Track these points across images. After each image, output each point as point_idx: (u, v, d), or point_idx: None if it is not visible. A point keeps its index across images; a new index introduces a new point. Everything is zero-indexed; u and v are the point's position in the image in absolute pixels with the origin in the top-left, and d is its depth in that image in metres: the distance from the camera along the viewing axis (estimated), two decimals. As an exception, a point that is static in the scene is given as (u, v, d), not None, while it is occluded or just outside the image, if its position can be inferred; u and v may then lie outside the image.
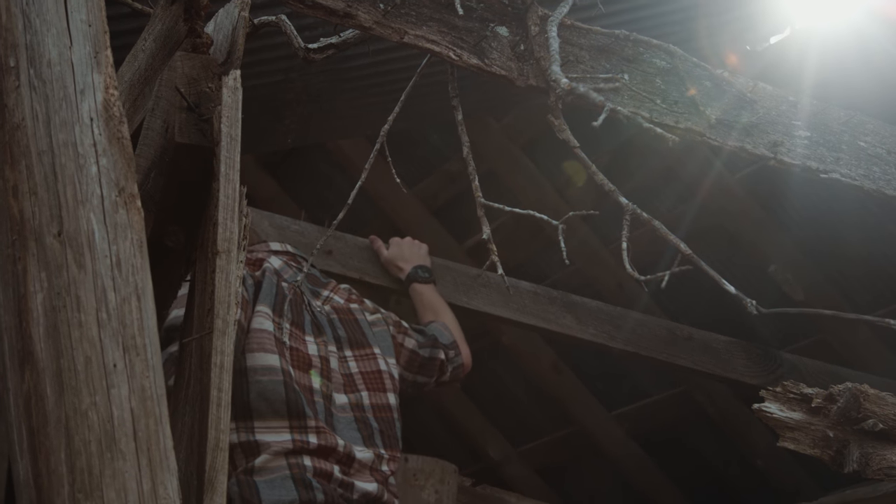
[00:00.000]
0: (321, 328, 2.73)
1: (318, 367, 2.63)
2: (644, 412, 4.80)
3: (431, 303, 3.30)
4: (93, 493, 1.69)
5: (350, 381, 2.71)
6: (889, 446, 2.35)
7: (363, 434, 2.65)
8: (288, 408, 2.48)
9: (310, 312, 2.73)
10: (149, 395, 1.76)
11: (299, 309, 2.69)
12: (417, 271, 3.37)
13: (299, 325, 2.67)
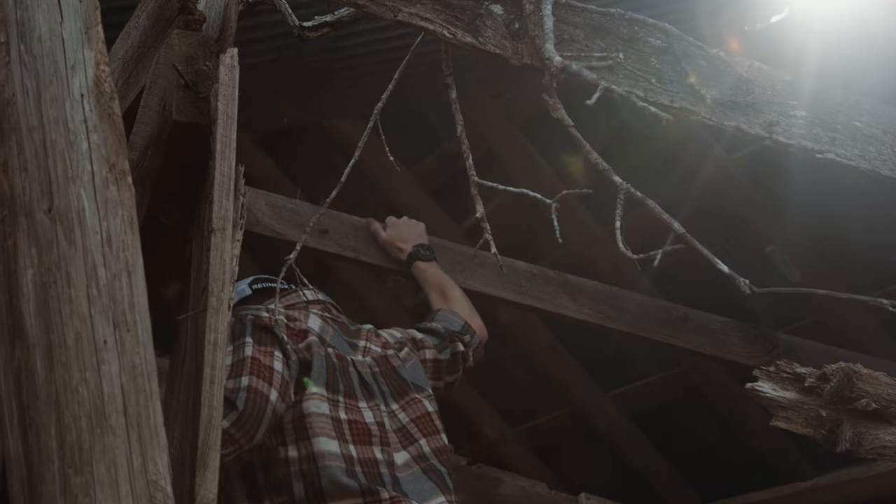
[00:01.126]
0: (370, 389, 2.69)
1: (378, 435, 2.62)
2: (641, 392, 4.81)
3: (436, 280, 3.28)
4: (83, 468, 1.69)
5: (405, 433, 2.71)
6: (882, 426, 2.35)
7: (436, 482, 2.65)
8: (360, 487, 2.49)
9: (356, 373, 2.69)
10: (139, 371, 1.77)
11: (347, 374, 2.65)
12: (419, 250, 3.33)
13: (351, 394, 2.63)
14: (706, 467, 4.81)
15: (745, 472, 4.47)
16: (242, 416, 2.37)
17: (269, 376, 2.45)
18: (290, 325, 2.65)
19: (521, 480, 3.88)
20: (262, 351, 2.48)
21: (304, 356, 2.57)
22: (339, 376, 2.61)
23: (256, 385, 2.42)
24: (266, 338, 2.52)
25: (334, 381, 2.60)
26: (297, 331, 2.65)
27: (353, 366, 2.69)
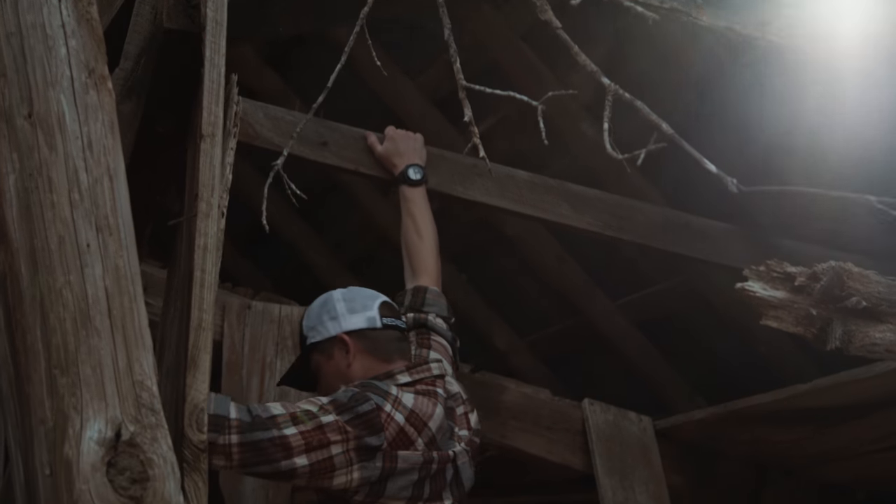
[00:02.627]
0: (459, 481, 2.72)
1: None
2: (647, 301, 4.81)
3: (416, 210, 3.26)
4: (69, 368, 1.72)
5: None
6: (872, 324, 2.36)
7: None
8: None
9: (453, 469, 2.69)
10: (123, 273, 1.79)
11: (441, 475, 2.65)
12: (409, 172, 3.30)
13: (436, 496, 2.65)
14: (713, 374, 4.84)
15: (752, 377, 4.48)
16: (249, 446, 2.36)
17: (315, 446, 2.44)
18: (408, 426, 2.58)
19: (525, 387, 3.90)
20: (339, 429, 2.46)
21: (391, 465, 2.54)
22: (428, 482, 2.61)
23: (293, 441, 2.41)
24: (355, 425, 2.49)
25: (419, 491, 2.59)
26: (407, 437, 2.58)
27: (453, 461, 2.68)
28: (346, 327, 2.76)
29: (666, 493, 3.79)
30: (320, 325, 2.79)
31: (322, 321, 2.79)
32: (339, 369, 2.75)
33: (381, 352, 2.77)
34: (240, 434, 2.33)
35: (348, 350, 2.74)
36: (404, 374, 2.71)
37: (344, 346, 2.75)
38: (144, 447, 1.73)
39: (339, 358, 2.76)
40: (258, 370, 3.40)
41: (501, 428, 3.76)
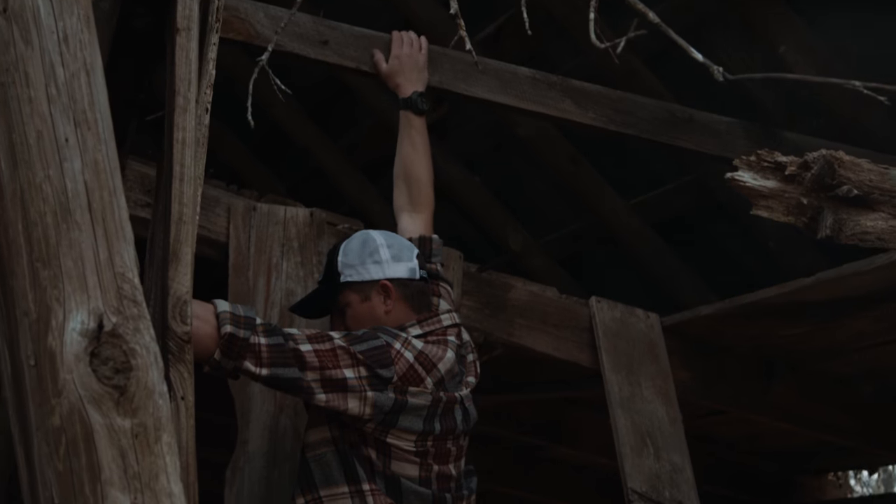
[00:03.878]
0: (467, 421, 2.80)
1: (454, 453, 2.77)
2: (659, 201, 4.80)
3: (418, 142, 3.27)
4: (50, 261, 1.75)
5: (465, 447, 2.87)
6: (864, 212, 2.36)
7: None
8: (433, 497, 2.70)
9: (462, 410, 2.77)
10: (102, 168, 1.81)
11: (451, 415, 2.73)
12: (417, 99, 3.28)
13: (447, 433, 2.73)
14: (724, 271, 4.84)
15: (763, 274, 4.48)
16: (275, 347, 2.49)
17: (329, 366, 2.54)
18: (417, 365, 2.66)
19: (532, 285, 3.91)
20: (351, 356, 2.57)
21: (401, 398, 2.62)
22: (438, 420, 2.69)
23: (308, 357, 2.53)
24: (367, 356, 2.59)
25: (429, 426, 2.67)
26: (417, 374, 2.66)
27: (461, 403, 2.76)
28: (390, 274, 2.83)
29: (673, 389, 3.82)
30: (361, 266, 2.83)
31: (364, 263, 2.84)
32: (375, 313, 2.82)
33: (415, 302, 2.87)
34: (266, 336, 2.48)
35: (390, 296, 2.82)
36: (415, 328, 2.79)
37: (386, 292, 2.82)
38: (127, 338, 1.76)
39: (376, 302, 2.82)
40: (264, 271, 3.42)
41: (508, 326, 3.78)
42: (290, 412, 3.31)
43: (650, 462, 3.64)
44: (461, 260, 3.73)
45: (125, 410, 1.73)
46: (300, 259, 3.48)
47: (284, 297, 3.41)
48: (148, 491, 1.72)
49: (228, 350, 2.44)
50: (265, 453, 3.26)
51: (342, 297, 2.84)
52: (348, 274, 2.82)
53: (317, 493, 2.68)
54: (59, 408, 1.70)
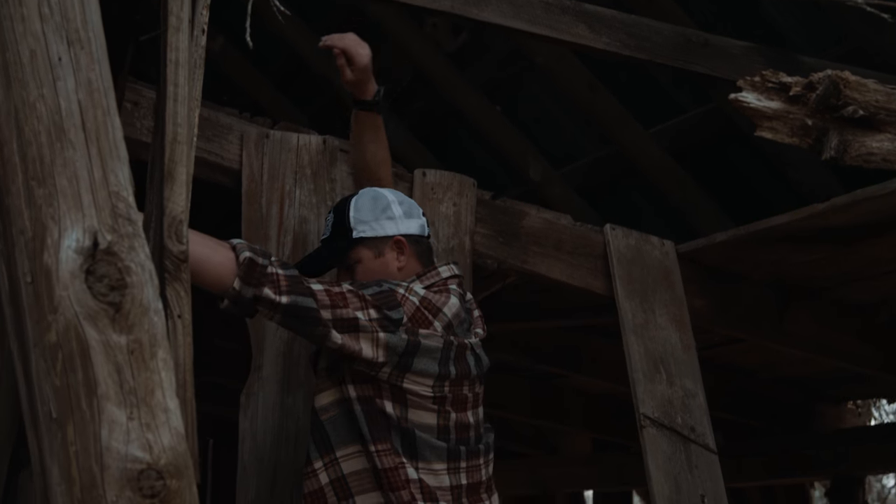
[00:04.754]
0: (480, 367, 2.80)
1: (471, 400, 2.76)
2: (680, 129, 4.78)
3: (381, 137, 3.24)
4: (45, 180, 1.76)
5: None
6: (869, 133, 2.33)
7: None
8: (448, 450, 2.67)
9: (473, 356, 2.77)
10: (95, 87, 1.82)
11: (463, 359, 2.72)
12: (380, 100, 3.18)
13: (463, 377, 2.72)
14: (744, 200, 4.82)
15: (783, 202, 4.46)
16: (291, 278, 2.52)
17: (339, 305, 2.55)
18: (423, 309, 2.67)
19: (546, 213, 3.90)
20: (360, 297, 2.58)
21: (414, 339, 2.62)
22: (452, 364, 2.68)
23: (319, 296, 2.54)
24: (375, 298, 2.60)
25: (445, 369, 2.66)
26: (425, 317, 2.67)
27: (472, 349, 2.76)
28: (403, 230, 2.84)
29: (687, 316, 3.82)
30: (375, 221, 2.82)
31: (378, 219, 2.83)
32: (388, 269, 2.81)
33: (424, 258, 2.89)
34: (282, 268, 2.51)
35: (403, 252, 2.82)
36: (415, 283, 2.77)
37: (400, 247, 2.82)
38: (122, 255, 1.77)
39: (390, 258, 2.82)
40: (277, 199, 3.44)
41: (522, 253, 3.78)
42: (303, 339, 3.34)
43: (663, 388, 3.65)
44: (474, 187, 3.73)
45: (121, 327, 1.75)
46: (313, 186, 3.49)
47: (298, 225, 3.43)
48: (144, 406, 1.74)
49: (248, 276, 2.45)
50: (279, 379, 3.29)
51: (353, 254, 2.83)
52: (361, 230, 2.81)
53: (333, 454, 2.67)
54: (56, 324, 1.72)
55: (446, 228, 3.65)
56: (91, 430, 1.70)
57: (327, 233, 2.90)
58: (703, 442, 3.60)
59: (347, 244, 2.82)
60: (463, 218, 3.68)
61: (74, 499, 1.69)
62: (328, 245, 2.89)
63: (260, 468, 3.19)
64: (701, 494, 3.55)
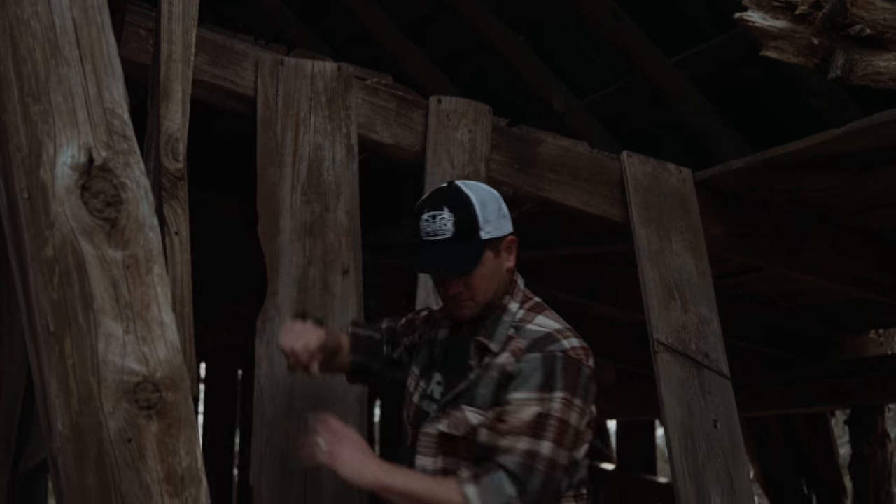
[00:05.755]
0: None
1: None
2: (703, 57, 4.73)
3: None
4: (41, 96, 1.78)
5: None
6: (876, 52, 2.30)
7: None
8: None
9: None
10: (90, 4, 1.83)
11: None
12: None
13: None
14: (767, 128, 4.78)
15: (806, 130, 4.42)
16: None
17: (568, 444, 2.50)
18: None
19: (563, 140, 3.89)
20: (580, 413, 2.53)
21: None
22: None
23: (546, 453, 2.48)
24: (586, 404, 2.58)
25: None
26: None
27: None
28: (511, 229, 2.65)
29: (703, 243, 3.81)
30: (496, 220, 2.60)
31: (497, 217, 2.61)
32: (502, 269, 2.63)
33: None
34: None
35: (513, 251, 2.65)
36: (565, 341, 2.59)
37: (514, 246, 2.65)
38: (117, 171, 1.80)
39: (504, 258, 2.62)
40: (292, 126, 3.44)
41: (538, 181, 3.78)
42: (319, 264, 3.37)
43: (677, 314, 3.66)
44: (490, 114, 3.72)
45: (116, 242, 1.78)
46: (328, 113, 3.49)
47: (312, 152, 3.44)
48: (140, 320, 1.77)
49: None
50: (295, 304, 3.32)
51: (483, 255, 2.58)
52: (488, 231, 2.56)
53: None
54: (52, 239, 1.75)
55: (461, 155, 3.65)
56: (88, 343, 1.74)
57: (447, 233, 2.55)
58: (716, 368, 3.61)
59: (480, 246, 2.57)
60: (478, 145, 3.68)
61: (72, 410, 1.72)
62: (457, 248, 2.55)
63: (276, 391, 3.23)
64: (713, 419, 3.56)
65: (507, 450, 2.44)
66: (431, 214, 2.55)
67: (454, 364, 2.65)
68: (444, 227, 2.55)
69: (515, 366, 2.50)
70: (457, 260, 2.55)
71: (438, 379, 2.68)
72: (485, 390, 2.51)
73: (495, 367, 2.53)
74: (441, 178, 3.60)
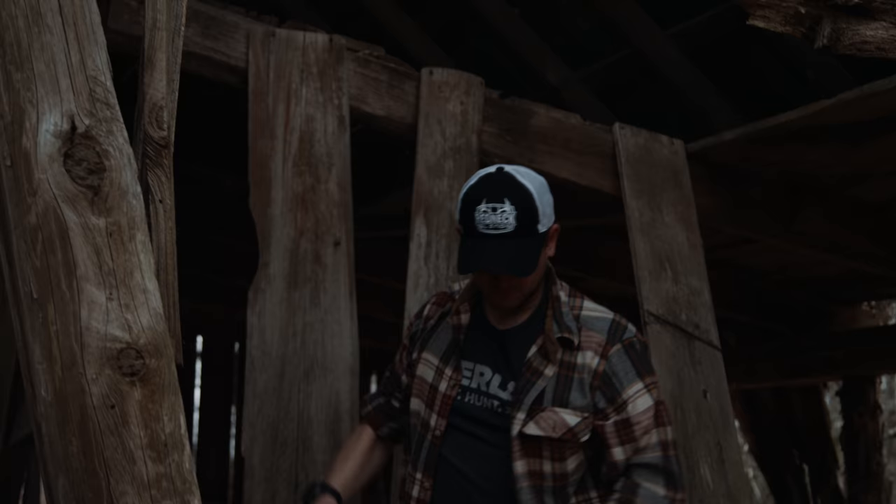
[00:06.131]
0: None
1: None
2: (698, 29, 4.71)
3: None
4: (23, 64, 1.78)
5: None
6: (864, 21, 2.29)
7: None
8: None
9: None
10: (71, -30, 1.82)
11: None
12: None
13: None
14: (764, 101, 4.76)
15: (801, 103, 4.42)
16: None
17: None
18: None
19: (555, 112, 3.89)
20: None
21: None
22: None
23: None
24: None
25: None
26: None
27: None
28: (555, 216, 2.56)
29: (695, 215, 3.81)
30: (550, 212, 2.50)
31: (551, 207, 2.52)
32: (546, 259, 2.56)
33: None
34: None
35: (556, 238, 2.56)
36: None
37: (557, 234, 2.56)
38: (100, 139, 1.80)
39: (551, 247, 2.55)
40: (284, 97, 3.45)
41: (529, 152, 3.79)
42: (310, 235, 3.38)
43: (668, 286, 3.67)
44: (482, 86, 3.72)
45: (99, 210, 1.78)
46: (319, 85, 3.50)
47: (304, 123, 3.45)
48: (123, 287, 1.78)
49: None
50: (286, 275, 3.33)
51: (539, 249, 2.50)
52: (545, 223, 2.47)
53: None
54: (35, 206, 1.75)
55: (453, 127, 3.65)
56: (71, 310, 1.74)
57: (508, 227, 2.41)
58: (706, 339, 3.62)
59: (539, 241, 2.47)
60: (470, 117, 3.68)
61: (55, 377, 1.73)
62: (518, 244, 2.43)
63: (267, 362, 3.25)
64: (703, 389, 3.58)
65: (646, 447, 2.48)
66: (492, 206, 2.40)
67: (511, 358, 2.54)
68: (505, 222, 2.40)
69: (607, 365, 2.49)
70: (519, 258, 2.42)
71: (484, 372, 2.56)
72: (577, 393, 2.48)
73: (582, 368, 2.49)
74: (433, 151, 3.61)
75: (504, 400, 2.50)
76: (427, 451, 2.56)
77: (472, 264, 2.42)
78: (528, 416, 2.46)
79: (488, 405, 2.52)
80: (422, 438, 2.58)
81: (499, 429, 2.50)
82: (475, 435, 2.53)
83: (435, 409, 2.57)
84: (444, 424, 2.54)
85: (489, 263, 2.40)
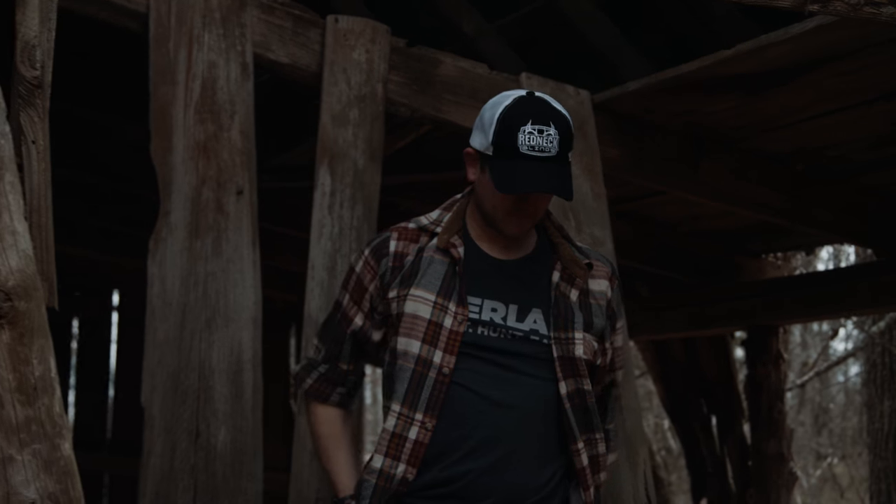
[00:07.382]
0: None
1: None
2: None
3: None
4: None
5: None
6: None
7: None
8: None
9: None
10: None
11: None
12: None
13: None
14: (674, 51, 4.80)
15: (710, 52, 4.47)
16: None
17: None
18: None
19: (462, 61, 3.87)
20: None
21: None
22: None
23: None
24: None
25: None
26: None
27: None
28: None
29: (599, 165, 3.83)
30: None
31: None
32: None
33: None
34: None
35: None
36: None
37: None
38: (-34, 78, 1.77)
39: None
40: (185, 43, 3.40)
41: (436, 102, 3.77)
42: (212, 184, 3.34)
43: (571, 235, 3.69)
44: (388, 34, 3.70)
45: (-35, 150, 1.75)
46: (222, 31, 3.45)
47: (206, 70, 3.40)
48: (-9, 227, 1.75)
49: None
50: (187, 224, 3.30)
51: None
52: (571, 153, 2.44)
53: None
54: None
55: (358, 76, 3.63)
56: (-66, 251, 1.72)
57: (552, 151, 2.36)
58: (609, 288, 3.65)
59: (569, 168, 2.43)
60: (376, 65, 3.66)
61: (-81, 318, 1.71)
62: (559, 169, 2.38)
63: (167, 311, 3.22)
64: (604, 338, 3.61)
65: (620, 368, 2.68)
66: (538, 128, 2.34)
67: (531, 287, 2.50)
68: (550, 145, 2.35)
69: (614, 295, 2.59)
70: (562, 181, 2.37)
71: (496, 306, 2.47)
72: (599, 320, 2.52)
73: (598, 294, 2.54)
74: (338, 99, 3.58)
75: (524, 330, 2.45)
76: (430, 390, 2.43)
77: (525, 184, 2.34)
78: (568, 339, 2.46)
79: (507, 335, 2.45)
80: (422, 377, 2.45)
81: (528, 356, 2.45)
82: (498, 363, 2.45)
83: (440, 346, 2.44)
84: (454, 361, 2.44)
85: (542, 184, 2.33)
